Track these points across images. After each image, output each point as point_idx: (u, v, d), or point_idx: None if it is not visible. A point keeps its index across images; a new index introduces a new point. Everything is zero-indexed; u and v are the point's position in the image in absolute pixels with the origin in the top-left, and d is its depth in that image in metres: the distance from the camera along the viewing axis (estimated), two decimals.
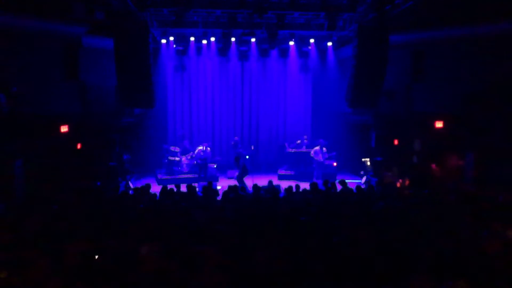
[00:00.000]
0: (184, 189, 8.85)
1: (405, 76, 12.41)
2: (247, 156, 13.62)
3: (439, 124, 11.32)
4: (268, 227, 5.72)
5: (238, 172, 12.51)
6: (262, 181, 11.18)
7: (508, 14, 10.00)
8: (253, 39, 13.59)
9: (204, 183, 10.57)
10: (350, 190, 8.80)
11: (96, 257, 4.65)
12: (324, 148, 13.28)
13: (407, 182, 11.14)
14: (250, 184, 10.64)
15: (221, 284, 4.11)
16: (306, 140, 14.60)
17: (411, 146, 12.01)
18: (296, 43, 13.95)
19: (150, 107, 11.45)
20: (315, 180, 11.83)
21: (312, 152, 13.28)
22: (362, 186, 9.82)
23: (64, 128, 10.38)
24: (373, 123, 13.13)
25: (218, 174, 13.71)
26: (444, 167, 11.47)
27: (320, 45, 14.31)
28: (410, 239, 5.26)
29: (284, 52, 14.94)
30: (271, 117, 15.89)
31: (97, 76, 12.06)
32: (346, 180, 9.54)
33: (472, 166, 10.91)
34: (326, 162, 13.37)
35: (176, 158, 13.66)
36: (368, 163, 13.31)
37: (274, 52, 14.88)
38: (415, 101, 12.15)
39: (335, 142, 14.49)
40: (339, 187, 9.23)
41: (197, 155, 13.69)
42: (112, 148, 12.31)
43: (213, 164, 13.88)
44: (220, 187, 12.19)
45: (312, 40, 13.93)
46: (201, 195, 8.75)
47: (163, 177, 13.37)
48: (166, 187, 8.77)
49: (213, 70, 15.43)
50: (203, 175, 13.35)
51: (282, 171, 14.10)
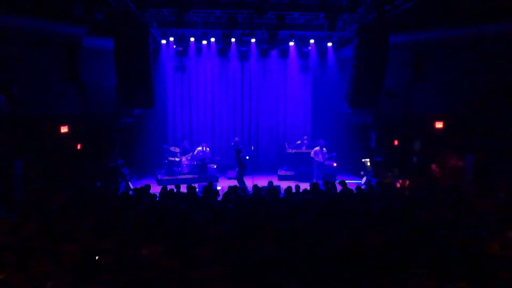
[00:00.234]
0: (184, 189, 8.85)
1: (405, 76, 12.39)
2: (247, 157, 13.62)
3: (439, 125, 11.34)
4: (268, 227, 5.71)
5: (237, 169, 12.53)
6: (262, 181, 11.19)
7: (508, 14, 10.00)
8: (253, 40, 13.60)
9: (204, 184, 10.57)
10: (350, 190, 8.79)
11: (97, 258, 4.65)
12: (324, 149, 13.28)
13: (407, 183, 11.13)
14: (250, 184, 10.64)
15: (221, 284, 4.11)
16: (306, 141, 14.61)
17: (411, 147, 12.00)
18: (296, 43, 13.96)
19: (150, 107, 11.45)
20: (315, 181, 11.84)
21: (312, 152, 13.28)
22: (362, 187, 9.82)
23: (64, 129, 10.40)
24: (373, 124, 13.12)
25: (218, 175, 13.72)
26: (444, 168, 11.48)
27: (320, 45, 14.32)
28: (410, 239, 5.26)
29: (284, 52, 14.95)
30: (271, 117, 15.89)
31: (97, 76, 12.05)
32: (346, 181, 9.54)
33: (472, 167, 10.92)
34: (326, 163, 13.37)
35: (176, 159, 13.66)
36: (368, 163, 13.31)
37: (274, 53, 14.89)
38: (415, 101, 12.15)
39: (335, 143, 14.48)
40: (339, 188, 9.23)
41: (196, 155, 13.70)
42: (112, 148, 12.31)
43: (213, 165, 13.88)
44: (220, 187, 12.19)
45: (312, 41, 13.94)
46: (201, 195, 8.75)
47: (163, 177, 13.37)
48: (166, 188, 8.77)
49: (213, 71, 15.43)
50: (203, 175, 13.35)
51: (282, 172, 14.10)
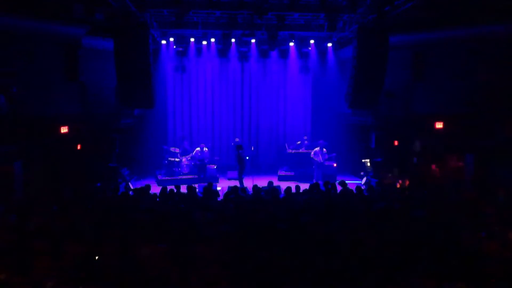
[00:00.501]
0: (184, 190, 8.85)
1: (405, 77, 12.41)
2: (247, 157, 13.62)
3: (439, 125, 11.34)
4: (268, 228, 5.71)
5: (238, 168, 12.57)
6: (262, 182, 11.18)
7: (508, 15, 10.01)
8: (253, 40, 13.60)
9: (204, 184, 10.57)
10: (350, 191, 8.80)
11: (96, 258, 4.65)
12: (324, 149, 13.27)
13: (407, 183, 11.13)
14: (250, 185, 10.63)
15: (221, 284, 4.11)
16: (306, 141, 14.60)
17: (411, 147, 12.00)
18: (296, 44, 13.96)
19: (150, 107, 11.46)
20: (315, 181, 11.83)
21: (312, 153, 13.27)
22: (362, 187, 9.81)
23: (64, 129, 10.38)
24: (373, 124, 13.12)
25: (218, 175, 13.71)
26: (444, 168, 11.48)
27: (320, 46, 14.32)
28: (410, 240, 5.26)
29: (284, 53, 14.93)
30: (271, 118, 15.88)
31: (97, 76, 12.06)
32: (346, 181, 9.55)
33: (472, 167, 10.92)
34: (326, 163, 13.36)
35: (176, 159, 13.65)
36: (368, 164, 13.30)
37: (274, 53, 14.88)
38: (415, 102, 12.15)
39: (335, 143, 14.47)
40: (339, 188, 9.23)
41: (194, 156, 13.69)
42: (112, 148, 12.31)
43: (213, 165, 13.87)
44: (220, 188, 12.19)
45: (312, 41, 13.93)
46: (201, 196, 8.75)
47: (163, 178, 13.36)
48: (166, 188, 8.77)
49: (213, 71, 15.42)
50: (202, 175, 13.34)
51: (282, 172, 14.09)
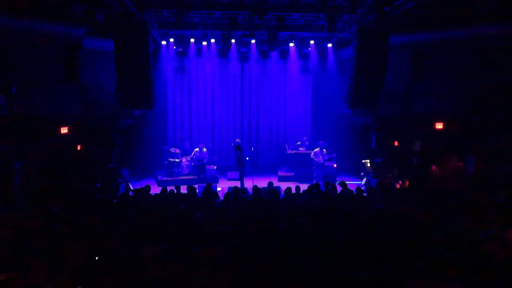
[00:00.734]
0: (184, 190, 8.84)
1: (405, 77, 12.40)
2: (247, 158, 13.61)
3: (439, 125, 11.32)
4: (268, 228, 5.71)
5: (238, 168, 12.60)
6: (262, 182, 11.18)
7: (507, 15, 10.01)
8: (253, 41, 13.62)
9: (204, 185, 10.57)
10: (350, 191, 8.79)
11: (97, 258, 4.64)
12: (324, 150, 13.26)
13: (407, 183, 11.12)
14: (250, 185, 10.63)
15: (222, 285, 4.11)
16: (307, 142, 14.59)
17: (411, 147, 11.99)
18: (296, 44, 13.96)
19: (150, 108, 11.45)
20: (315, 182, 11.82)
21: (312, 153, 13.26)
22: (362, 188, 9.81)
23: (63, 130, 10.37)
24: (373, 125, 13.11)
25: (218, 176, 13.70)
26: (444, 169, 11.46)
27: (320, 46, 14.33)
28: (410, 240, 5.25)
29: (284, 53, 14.93)
30: (271, 118, 15.88)
31: (97, 77, 12.06)
32: (346, 182, 9.54)
33: (472, 167, 10.91)
34: (326, 164, 13.35)
35: (176, 160, 13.65)
36: (368, 164, 13.30)
37: (274, 54, 14.87)
38: (415, 102, 12.13)
39: (335, 144, 14.47)
40: (339, 189, 9.22)
41: (193, 156, 13.69)
42: (112, 149, 12.30)
43: (213, 166, 13.87)
44: (220, 188, 12.18)
45: (312, 42, 13.95)
46: (201, 196, 8.75)
47: (163, 178, 13.36)
48: (166, 189, 8.76)
49: (213, 72, 15.42)
50: (202, 176, 13.34)
51: (282, 173, 14.08)
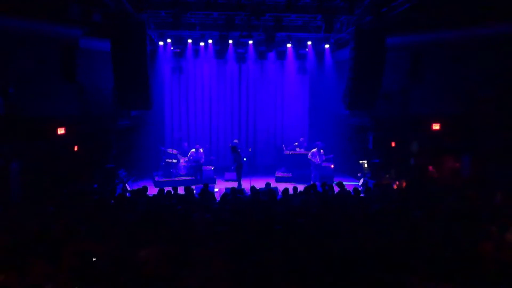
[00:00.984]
0: (181, 191, 8.83)
1: (402, 78, 12.41)
2: (245, 158, 13.61)
3: (436, 126, 11.36)
4: (265, 229, 5.71)
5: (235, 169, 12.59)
6: (260, 183, 11.18)
7: (505, 15, 10.05)
8: (250, 41, 13.62)
9: (201, 186, 10.57)
10: (347, 192, 8.81)
11: (94, 259, 4.63)
12: (322, 150, 13.28)
13: (404, 184, 11.15)
14: (247, 186, 10.63)
15: (219, 285, 4.11)
16: (305, 143, 14.59)
17: (408, 148, 12.02)
18: (293, 45, 13.98)
19: (147, 109, 11.43)
20: (312, 182, 11.83)
21: (310, 154, 13.28)
22: (359, 188, 9.83)
23: (61, 130, 10.35)
24: (370, 125, 13.14)
25: (215, 176, 13.69)
26: (441, 169, 11.50)
27: (318, 47, 14.35)
28: (407, 241, 5.26)
29: (282, 54, 14.94)
30: (268, 119, 15.88)
31: (94, 78, 12.02)
32: (344, 182, 9.55)
33: (469, 168, 10.95)
34: (324, 164, 13.37)
35: (174, 160, 13.63)
36: (366, 165, 13.32)
37: (271, 54, 14.88)
38: (413, 103, 12.17)
39: (332, 144, 14.48)
40: (336, 189, 9.23)
41: (190, 157, 13.68)
42: (109, 150, 12.28)
43: (210, 167, 13.86)
44: (217, 189, 12.18)
45: (309, 42, 13.96)
46: (198, 197, 8.74)
47: (160, 179, 13.33)
48: (163, 190, 8.75)
49: (210, 72, 15.40)
50: (198, 177, 13.33)
51: (279, 173, 14.09)
